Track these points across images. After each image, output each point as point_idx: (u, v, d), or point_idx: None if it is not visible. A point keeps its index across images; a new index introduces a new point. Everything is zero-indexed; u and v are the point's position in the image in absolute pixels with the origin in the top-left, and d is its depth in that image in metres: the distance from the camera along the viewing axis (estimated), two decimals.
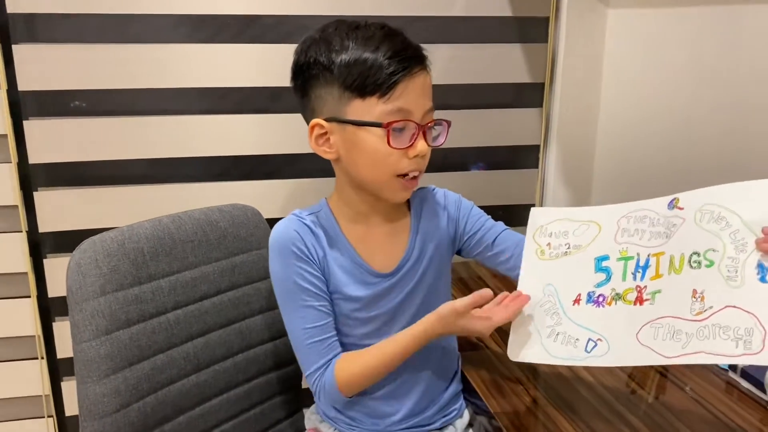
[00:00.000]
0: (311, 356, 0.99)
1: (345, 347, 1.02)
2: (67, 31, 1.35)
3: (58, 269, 1.43)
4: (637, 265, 0.87)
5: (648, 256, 0.86)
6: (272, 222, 1.21)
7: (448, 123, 0.98)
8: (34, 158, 1.37)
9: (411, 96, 0.92)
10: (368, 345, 1.00)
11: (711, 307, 0.79)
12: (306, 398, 1.23)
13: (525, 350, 0.92)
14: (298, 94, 0.99)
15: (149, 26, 1.37)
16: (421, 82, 0.93)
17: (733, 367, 1.08)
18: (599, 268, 0.90)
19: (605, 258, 0.90)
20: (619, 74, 1.54)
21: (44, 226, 1.41)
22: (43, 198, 1.40)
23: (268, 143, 1.48)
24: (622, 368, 1.11)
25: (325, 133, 0.96)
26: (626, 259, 0.88)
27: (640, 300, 0.85)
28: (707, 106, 1.28)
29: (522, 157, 1.66)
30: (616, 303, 0.87)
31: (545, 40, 1.56)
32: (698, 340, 0.79)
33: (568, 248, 0.92)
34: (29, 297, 1.43)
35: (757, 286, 0.78)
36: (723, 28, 1.22)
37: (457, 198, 1.10)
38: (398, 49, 0.91)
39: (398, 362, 0.98)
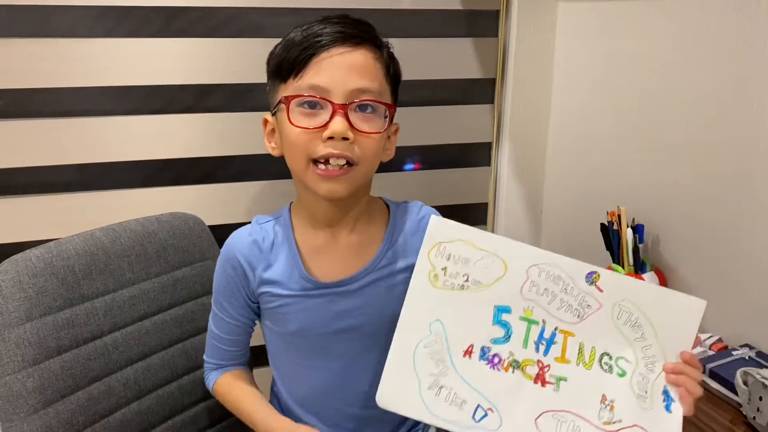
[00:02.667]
0: (210, 350, 1.01)
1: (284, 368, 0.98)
2: None
3: None
4: (541, 335, 0.79)
5: (555, 329, 0.79)
6: (214, 229, 1.13)
7: (389, 107, 0.87)
8: None
9: (327, 73, 0.83)
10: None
11: (620, 421, 0.77)
12: None
13: (400, 398, 0.79)
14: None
15: (68, 19, 1.26)
16: (348, 60, 0.84)
17: None
18: (498, 321, 0.79)
19: (506, 310, 0.79)
20: (570, 68, 1.52)
21: None
22: None
23: (203, 145, 1.39)
24: None
25: (273, 129, 0.92)
26: (530, 321, 0.79)
27: (542, 380, 0.78)
28: (660, 100, 1.26)
29: (474, 154, 1.62)
30: (513, 371, 0.78)
31: (496, 34, 1.53)
32: None
33: (467, 281, 0.79)
34: None
35: (662, 415, 0.78)
36: (675, 20, 1.21)
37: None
38: (321, 28, 0.85)
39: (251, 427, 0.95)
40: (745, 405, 0.96)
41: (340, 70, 0.83)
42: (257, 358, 1.06)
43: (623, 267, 1.28)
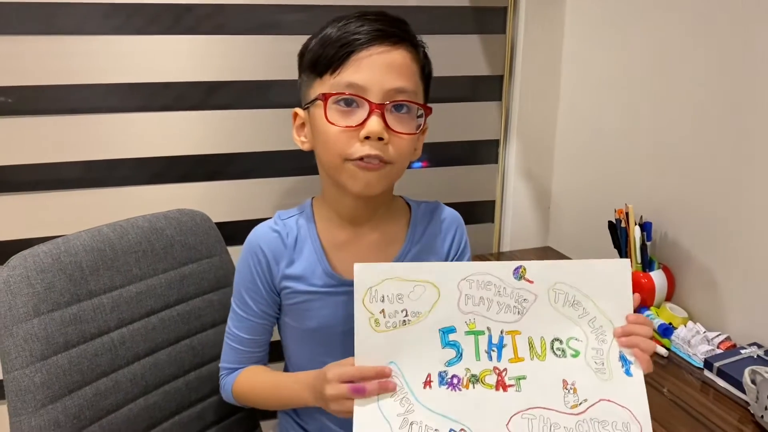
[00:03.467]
0: (227, 354, 0.99)
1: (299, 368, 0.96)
2: None
3: None
4: (490, 342, 0.79)
5: (501, 333, 0.79)
6: (221, 226, 1.14)
7: (426, 108, 0.88)
8: None
9: (366, 72, 0.83)
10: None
11: (586, 400, 0.78)
12: (265, 414, 1.16)
13: None
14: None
15: (76, 17, 1.26)
16: (387, 59, 0.84)
17: (708, 366, 1.06)
18: (447, 343, 0.78)
19: (451, 330, 0.78)
20: (578, 65, 1.51)
21: None
22: None
23: (211, 142, 1.40)
24: None
25: (303, 123, 0.92)
26: (476, 333, 0.79)
27: (502, 385, 0.78)
28: (670, 97, 1.25)
29: (481, 152, 1.62)
30: (474, 386, 0.78)
31: (504, 31, 1.52)
32: None
33: (406, 316, 0.78)
34: None
35: (624, 380, 0.79)
36: (684, 16, 1.20)
37: (461, 222, 1.02)
38: (359, 25, 0.84)
39: (285, 404, 0.94)
40: (753, 404, 0.95)
41: (379, 69, 0.84)
42: (270, 354, 1.06)
43: (631, 265, 1.27)
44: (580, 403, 0.77)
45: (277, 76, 1.38)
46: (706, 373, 1.06)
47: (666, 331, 1.16)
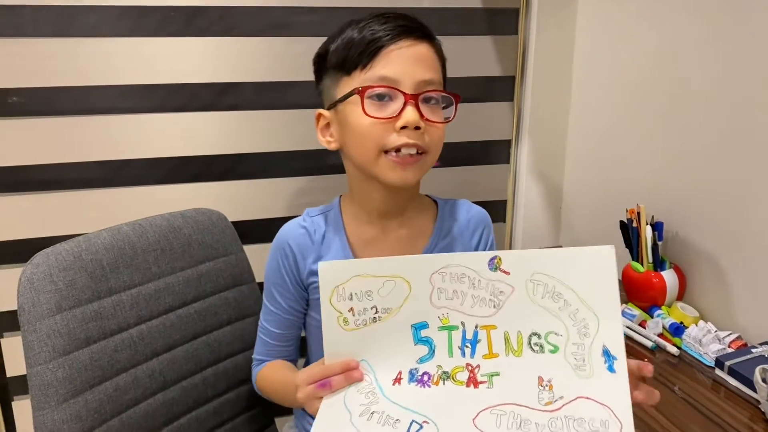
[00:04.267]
0: (258, 346, 1.04)
1: None
2: (4, 25, 1.24)
3: (5, 281, 1.33)
4: (464, 338, 0.75)
5: (476, 327, 0.75)
6: (237, 225, 1.15)
7: (456, 96, 0.90)
8: None
9: (396, 64, 0.85)
10: None
11: (562, 397, 0.73)
12: (280, 410, 1.18)
13: (333, 430, 0.76)
14: (317, 92, 0.97)
15: (91, 19, 1.28)
16: (414, 52, 0.87)
17: (720, 365, 1.06)
18: (419, 339, 0.76)
19: (424, 326, 0.76)
20: (590, 66, 1.52)
21: None
22: None
23: (226, 142, 1.41)
24: None
25: (328, 123, 0.94)
26: (449, 328, 0.76)
27: (474, 382, 0.74)
28: (681, 98, 1.26)
29: (493, 152, 1.62)
30: (444, 383, 0.75)
31: (516, 32, 1.53)
32: None
33: (377, 313, 0.75)
34: None
35: (607, 377, 0.73)
36: (697, 15, 1.21)
37: (489, 221, 1.04)
38: (383, 22, 0.87)
39: (290, 403, 0.94)
40: (763, 402, 0.96)
41: (408, 61, 0.86)
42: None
43: (642, 264, 1.28)
44: (555, 401, 0.73)
45: (289, 77, 1.40)
46: (718, 372, 1.07)
47: (677, 330, 1.17)
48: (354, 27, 0.89)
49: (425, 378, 0.76)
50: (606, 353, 0.73)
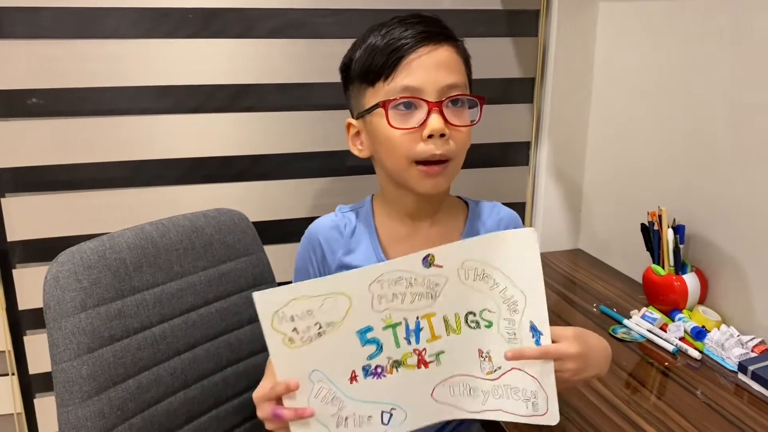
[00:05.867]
0: None
1: None
2: (25, 27, 1.26)
3: (28, 280, 1.35)
4: (407, 330, 0.79)
5: (417, 318, 0.79)
6: (257, 225, 1.16)
7: (480, 99, 0.90)
8: (0, 162, 1.29)
9: (419, 73, 0.86)
10: None
11: (500, 368, 0.79)
12: None
13: None
14: (345, 99, 0.98)
15: (109, 22, 1.29)
16: (436, 58, 0.87)
17: (743, 369, 1.05)
18: (366, 341, 0.78)
19: (368, 329, 0.78)
20: (610, 68, 1.51)
21: (13, 235, 1.33)
22: (11, 204, 1.32)
23: (243, 143, 1.43)
24: (633, 375, 1.08)
25: (358, 132, 0.95)
26: (393, 326, 0.79)
27: (423, 363, 0.80)
28: (702, 101, 1.25)
29: (513, 154, 1.62)
30: (397, 370, 0.79)
31: (536, 33, 1.53)
32: (494, 398, 0.80)
33: (320, 328, 0.77)
34: None
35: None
36: (719, 20, 1.20)
37: (520, 223, 1.05)
38: (402, 30, 0.87)
39: None
40: None
41: (430, 68, 0.86)
42: None
43: (663, 267, 1.27)
44: (495, 370, 0.79)
45: (306, 78, 1.41)
46: (740, 376, 1.06)
47: (699, 334, 1.16)
48: (376, 34, 0.89)
49: (378, 370, 0.79)
50: (533, 329, 0.77)
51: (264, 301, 0.76)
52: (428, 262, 0.78)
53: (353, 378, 0.79)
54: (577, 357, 0.77)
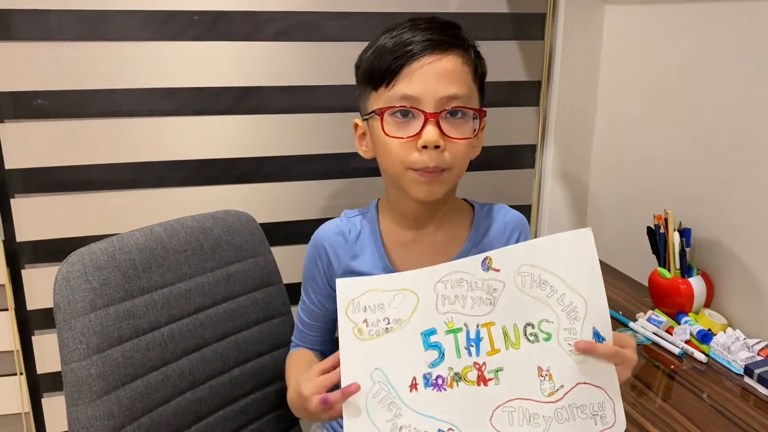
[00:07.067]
0: (294, 330, 1.10)
1: None
2: (33, 29, 1.27)
3: (37, 280, 1.35)
4: (468, 338, 0.78)
5: (477, 326, 0.78)
6: (262, 227, 1.16)
7: (479, 112, 0.89)
8: (10, 163, 1.30)
9: (419, 83, 0.85)
10: None
11: (563, 386, 0.76)
12: None
13: None
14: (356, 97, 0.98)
15: (116, 24, 1.30)
16: (438, 68, 0.86)
17: (749, 373, 1.05)
18: (429, 345, 0.79)
19: (432, 332, 0.79)
20: (616, 71, 1.51)
21: (22, 235, 1.33)
22: (20, 205, 1.32)
23: (248, 145, 1.43)
24: (639, 378, 1.09)
25: (364, 133, 0.95)
26: (454, 331, 0.79)
27: (483, 380, 0.77)
28: (708, 104, 1.25)
29: (518, 156, 1.63)
30: (457, 384, 0.78)
31: (542, 37, 1.53)
32: (558, 423, 0.76)
33: (389, 324, 0.79)
34: (6, 310, 1.35)
35: (598, 359, 0.76)
36: (725, 23, 1.20)
37: (527, 225, 1.05)
38: (411, 36, 0.87)
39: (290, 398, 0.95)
40: None
41: (431, 78, 0.86)
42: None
43: (669, 271, 1.27)
44: (557, 390, 0.76)
45: (311, 81, 1.42)
46: (747, 379, 1.06)
47: (705, 337, 1.16)
48: (387, 36, 0.89)
49: (440, 381, 0.78)
50: (596, 335, 0.75)
51: (344, 288, 0.80)
52: (487, 264, 0.79)
53: (413, 386, 0.78)
54: (634, 365, 0.77)
